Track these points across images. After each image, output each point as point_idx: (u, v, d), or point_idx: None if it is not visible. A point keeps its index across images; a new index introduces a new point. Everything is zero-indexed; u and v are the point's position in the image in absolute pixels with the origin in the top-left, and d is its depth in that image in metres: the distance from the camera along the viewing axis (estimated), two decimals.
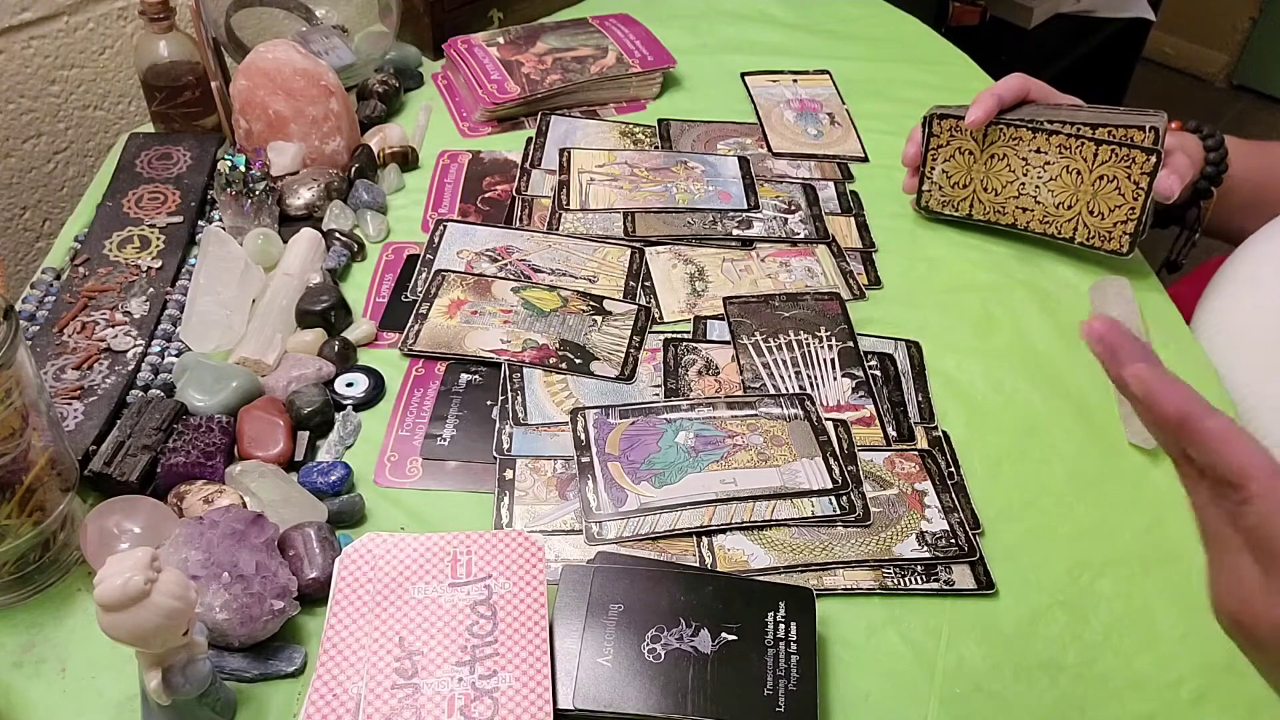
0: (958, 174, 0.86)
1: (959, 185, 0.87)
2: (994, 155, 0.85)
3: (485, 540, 0.61)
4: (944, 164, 0.86)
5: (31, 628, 0.59)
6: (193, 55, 0.91)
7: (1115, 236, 0.82)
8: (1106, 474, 0.71)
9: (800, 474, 0.68)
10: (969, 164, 0.86)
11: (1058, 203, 0.84)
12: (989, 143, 0.84)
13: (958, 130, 0.85)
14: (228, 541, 0.58)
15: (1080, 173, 0.82)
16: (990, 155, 0.85)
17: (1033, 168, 0.83)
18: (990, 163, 0.85)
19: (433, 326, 0.78)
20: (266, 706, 0.56)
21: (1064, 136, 0.82)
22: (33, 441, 0.56)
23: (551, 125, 1.00)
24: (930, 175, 0.88)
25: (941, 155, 0.87)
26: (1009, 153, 0.84)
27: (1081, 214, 0.83)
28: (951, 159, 0.86)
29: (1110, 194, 0.81)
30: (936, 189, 0.88)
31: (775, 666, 0.56)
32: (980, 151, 0.85)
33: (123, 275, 0.79)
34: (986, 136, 0.84)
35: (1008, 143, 0.84)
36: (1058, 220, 0.84)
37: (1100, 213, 0.82)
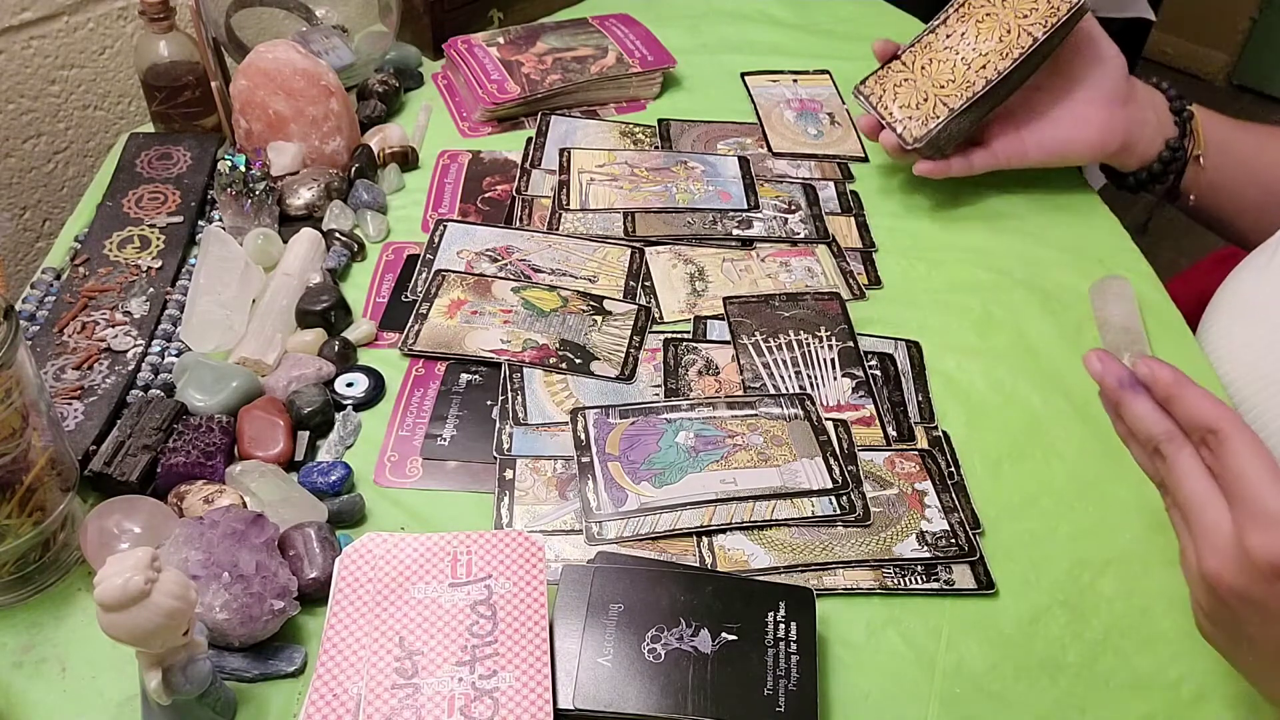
0: (911, 97, 0.88)
1: (921, 102, 0.87)
2: (923, 67, 0.88)
3: (485, 540, 0.61)
4: (896, 104, 0.88)
5: (31, 628, 0.59)
6: (193, 55, 0.91)
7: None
8: (1106, 474, 0.71)
9: (800, 474, 0.68)
10: (913, 86, 0.88)
11: (997, 39, 0.85)
12: (914, 65, 0.89)
13: (882, 77, 0.90)
14: (228, 541, 0.58)
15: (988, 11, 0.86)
16: (921, 69, 0.88)
17: (958, 44, 0.87)
18: (926, 72, 0.88)
19: (433, 326, 0.78)
20: (266, 706, 0.56)
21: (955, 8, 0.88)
22: (33, 441, 0.56)
23: (551, 125, 1.00)
24: (894, 118, 0.88)
25: (887, 99, 0.89)
26: (932, 56, 0.88)
27: (1018, 24, 0.85)
28: (897, 95, 0.88)
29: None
30: (909, 120, 0.88)
31: (775, 666, 0.56)
32: (912, 71, 0.89)
33: (123, 275, 0.79)
34: (913, 62, 0.89)
35: (925, 51, 0.89)
36: (1010, 45, 0.85)
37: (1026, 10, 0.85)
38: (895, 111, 0.88)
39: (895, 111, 0.88)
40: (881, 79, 0.90)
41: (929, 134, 0.86)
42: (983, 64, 0.85)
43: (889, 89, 0.89)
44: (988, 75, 0.85)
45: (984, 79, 0.85)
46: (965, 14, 0.88)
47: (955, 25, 0.88)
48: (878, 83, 0.90)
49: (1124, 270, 0.86)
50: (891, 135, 0.88)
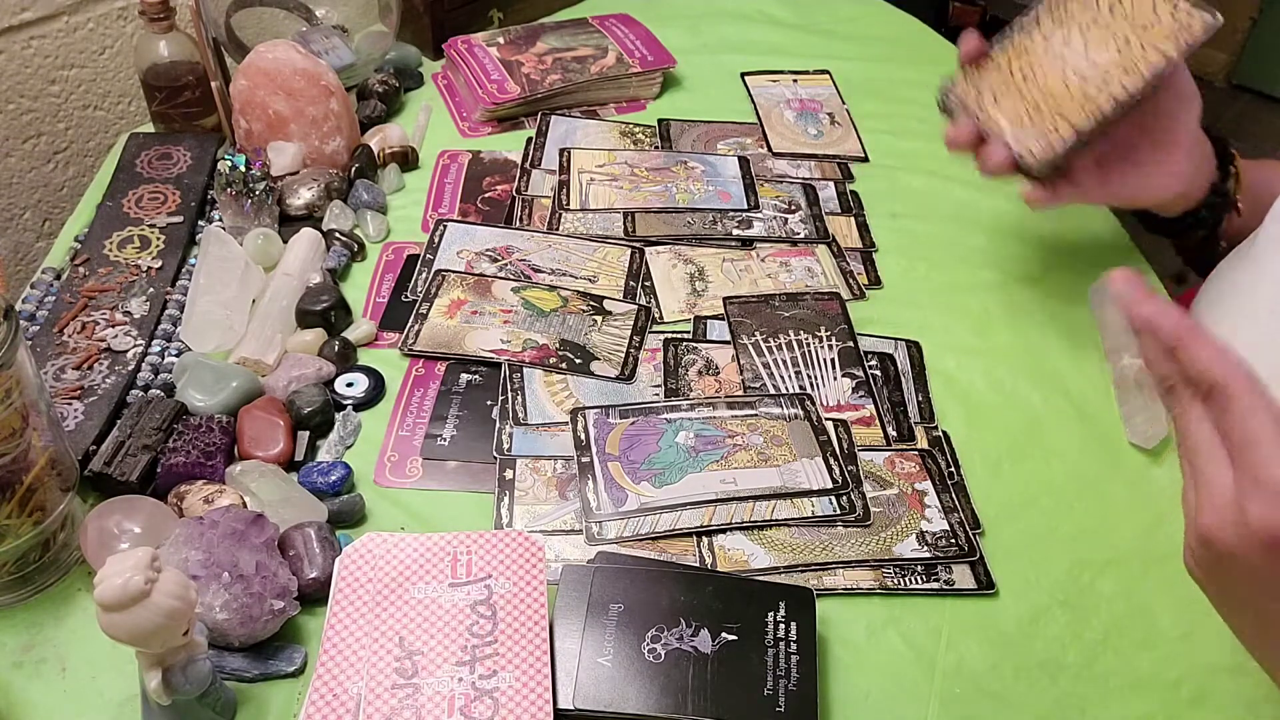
0: (1018, 107, 0.73)
1: (1032, 113, 0.73)
2: (1023, 74, 0.74)
3: (485, 540, 0.61)
4: (1002, 114, 0.74)
5: (31, 628, 0.59)
6: (193, 55, 0.91)
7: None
8: (1106, 474, 0.71)
9: (800, 474, 0.68)
10: (1018, 95, 0.74)
11: (1115, 51, 0.72)
12: (1012, 69, 0.74)
13: (975, 79, 0.75)
14: (228, 541, 0.58)
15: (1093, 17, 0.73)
16: (1022, 76, 0.74)
17: (1063, 51, 0.73)
18: (1029, 80, 0.73)
19: (433, 326, 0.78)
20: (266, 706, 0.56)
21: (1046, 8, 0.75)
22: (33, 441, 0.56)
23: (551, 125, 1.00)
24: (1002, 130, 0.73)
25: (988, 105, 0.74)
26: (1032, 61, 0.74)
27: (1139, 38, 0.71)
28: (999, 103, 0.74)
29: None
30: (1024, 135, 0.72)
31: (775, 666, 0.56)
32: (1010, 76, 0.74)
33: (123, 275, 0.79)
34: (1008, 64, 0.75)
35: (1022, 55, 0.75)
36: (1134, 61, 0.71)
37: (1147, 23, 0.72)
38: (1001, 120, 0.73)
39: (1001, 120, 0.73)
40: (973, 79, 0.75)
41: (1053, 156, 0.71)
42: (1103, 79, 0.71)
43: (987, 94, 0.74)
44: (1114, 94, 0.71)
45: (1111, 98, 0.71)
46: (1061, 18, 0.74)
47: (1052, 28, 0.74)
48: (972, 85, 0.76)
49: None
50: (1002, 150, 0.72)
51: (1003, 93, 0.74)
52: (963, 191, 0.95)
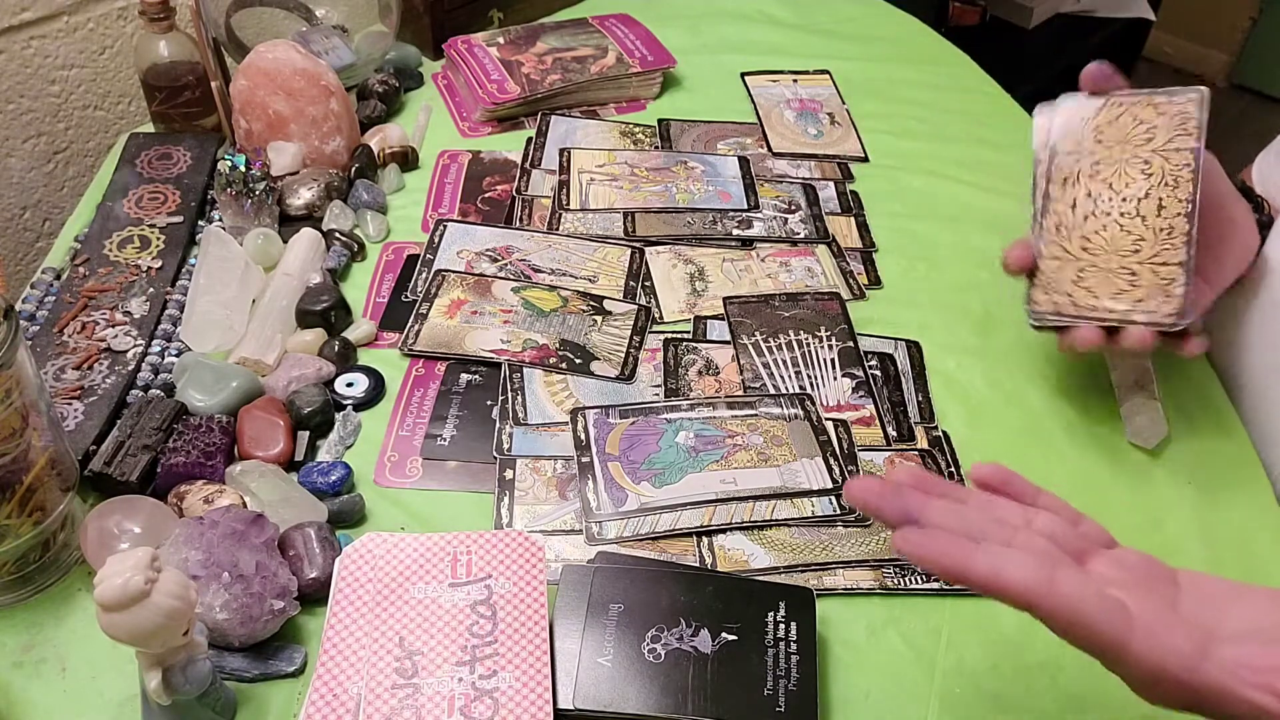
0: (1111, 282, 0.69)
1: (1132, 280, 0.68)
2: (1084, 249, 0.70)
3: (485, 540, 0.61)
4: (1107, 299, 0.69)
5: (31, 628, 0.59)
6: (193, 55, 0.91)
7: None
8: (1106, 474, 0.71)
9: (800, 474, 0.68)
10: (1101, 271, 0.70)
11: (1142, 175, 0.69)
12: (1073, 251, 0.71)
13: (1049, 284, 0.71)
14: (228, 541, 0.58)
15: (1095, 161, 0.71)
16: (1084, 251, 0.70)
17: (1097, 207, 0.70)
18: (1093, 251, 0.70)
19: (433, 326, 0.78)
20: (266, 706, 0.56)
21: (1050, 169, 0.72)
22: (33, 441, 0.56)
23: (551, 125, 1.00)
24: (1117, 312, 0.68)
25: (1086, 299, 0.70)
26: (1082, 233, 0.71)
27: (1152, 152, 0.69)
28: (1093, 290, 0.70)
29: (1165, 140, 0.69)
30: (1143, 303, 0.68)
31: (775, 666, 0.56)
32: (1077, 257, 0.71)
33: (123, 275, 0.79)
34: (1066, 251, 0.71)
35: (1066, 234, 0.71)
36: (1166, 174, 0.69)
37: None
38: (1111, 304, 0.68)
39: (1111, 304, 0.68)
40: (1049, 285, 0.71)
41: (1185, 302, 0.67)
42: (1157, 206, 0.68)
43: (1073, 289, 0.69)
44: (1180, 210, 0.68)
45: (1181, 215, 0.68)
46: (1067, 178, 0.71)
47: (1068, 193, 0.71)
48: (1048, 293, 0.70)
49: None
50: (1141, 331, 0.67)
51: (1086, 279, 0.70)
52: (963, 191, 0.95)
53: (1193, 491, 0.70)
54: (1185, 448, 0.73)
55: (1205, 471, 0.71)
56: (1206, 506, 0.69)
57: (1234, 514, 0.69)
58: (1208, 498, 0.69)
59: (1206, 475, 0.71)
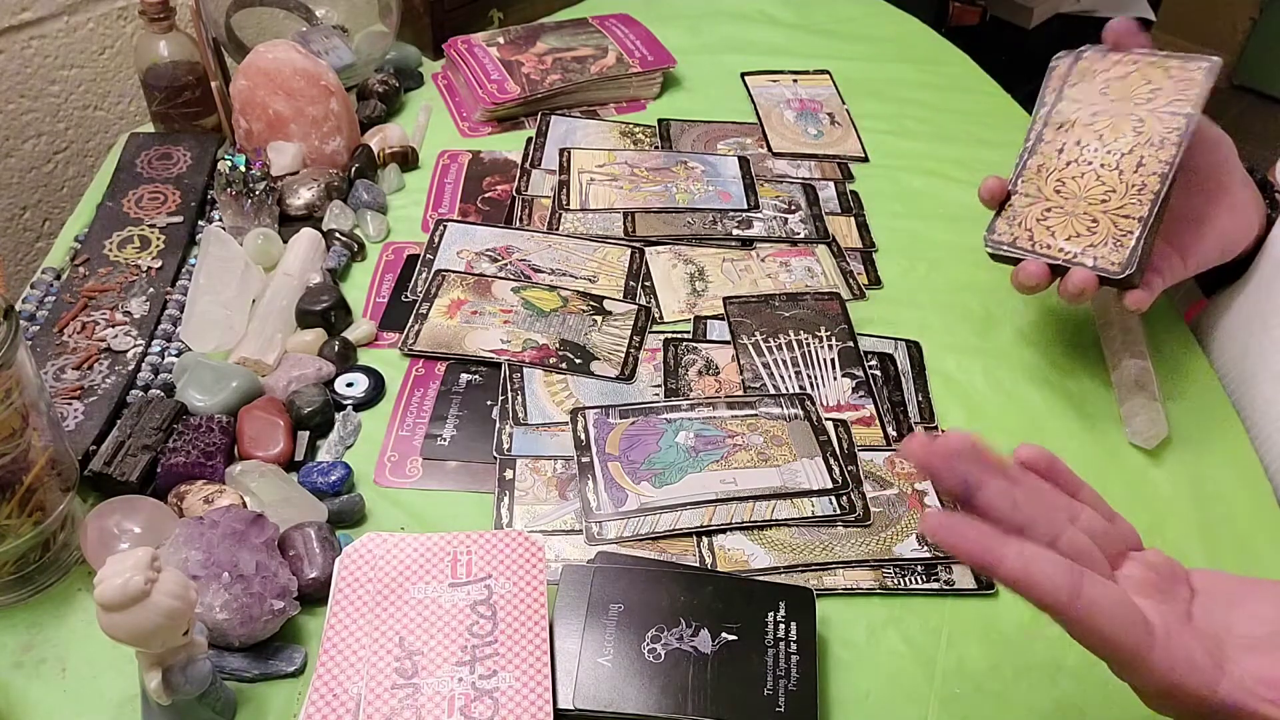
0: (1071, 225, 0.71)
1: (1091, 225, 0.70)
2: (1057, 191, 0.72)
3: (485, 540, 0.61)
4: (1062, 238, 0.71)
5: (31, 628, 0.59)
6: (193, 55, 0.91)
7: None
8: (1106, 474, 0.71)
9: (800, 474, 0.68)
10: (1064, 213, 0.71)
11: (1132, 132, 0.70)
12: (1045, 192, 0.73)
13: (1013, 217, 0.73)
14: (228, 541, 0.58)
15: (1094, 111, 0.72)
16: (1057, 193, 0.72)
17: (1082, 154, 0.72)
18: (1065, 194, 0.72)
19: (433, 326, 0.78)
20: (266, 706, 0.56)
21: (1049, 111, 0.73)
22: (33, 441, 0.56)
23: (551, 125, 1.00)
24: (1068, 253, 0.70)
25: (1043, 236, 0.72)
26: (1060, 176, 0.72)
27: (1149, 111, 0.70)
28: (1052, 229, 0.72)
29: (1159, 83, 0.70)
30: (1094, 248, 0.70)
31: (775, 666, 0.56)
32: (1048, 198, 0.72)
33: (123, 275, 0.79)
34: (1039, 190, 0.73)
35: (1045, 175, 0.73)
36: (1154, 134, 0.69)
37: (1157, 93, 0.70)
38: (1065, 245, 0.70)
39: (1065, 245, 0.70)
40: (1013, 219, 0.73)
41: (1134, 255, 0.68)
42: (1137, 162, 0.69)
43: (1034, 225, 0.72)
44: (1156, 170, 0.69)
45: (1155, 175, 0.69)
46: (1061, 122, 0.73)
47: (1058, 136, 0.73)
48: (1012, 224, 0.73)
49: None
50: (1085, 272, 0.69)
51: (1049, 218, 0.72)
52: (963, 192, 0.95)
53: (1193, 491, 0.70)
54: (1185, 448, 0.73)
55: (1205, 471, 0.71)
56: (1206, 506, 0.69)
57: (1234, 514, 0.69)
58: (1208, 498, 0.69)
59: (1206, 475, 0.71)
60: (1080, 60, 0.74)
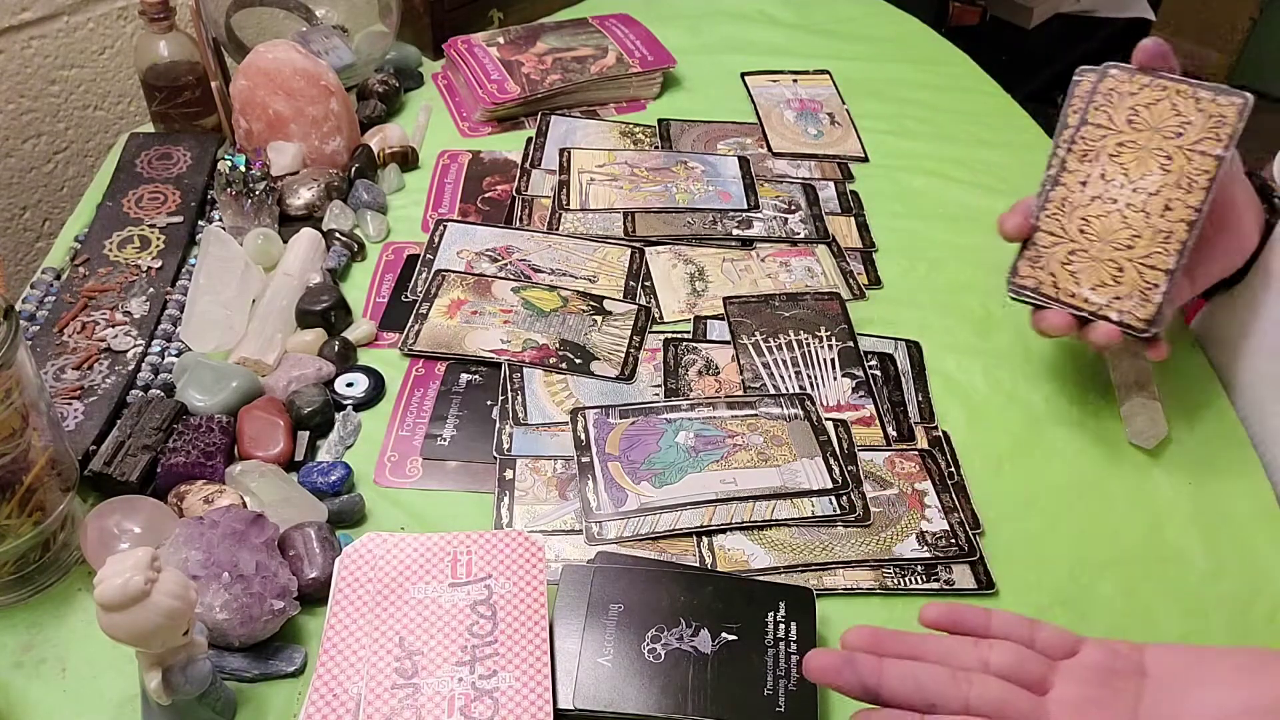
0: (1097, 271, 0.69)
1: (1117, 275, 0.68)
2: (1081, 230, 0.70)
3: (485, 540, 0.61)
4: (1087, 286, 0.69)
5: (31, 628, 0.59)
6: (193, 55, 0.91)
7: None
8: (1106, 474, 0.71)
9: (800, 474, 0.68)
10: (1089, 257, 0.69)
11: (1159, 170, 0.68)
12: (1069, 230, 0.70)
13: (1035, 259, 0.71)
14: (228, 541, 0.58)
15: (1119, 142, 0.69)
16: (1080, 233, 0.70)
17: (1106, 190, 0.69)
18: (1089, 235, 0.69)
19: (433, 326, 0.78)
20: (266, 706, 0.56)
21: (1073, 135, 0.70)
22: (33, 441, 0.56)
23: (551, 125, 1.00)
24: (1093, 303, 0.69)
25: (1067, 284, 0.70)
26: (1084, 213, 0.70)
27: (1178, 147, 0.67)
28: (1076, 275, 0.70)
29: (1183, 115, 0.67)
30: (1119, 300, 0.68)
31: (775, 666, 0.56)
32: (1071, 238, 0.70)
33: (123, 275, 0.79)
34: (1062, 228, 0.70)
35: (1067, 210, 0.70)
36: (1185, 175, 0.67)
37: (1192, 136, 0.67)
38: (1091, 296, 0.68)
39: (1091, 296, 0.68)
40: (1036, 261, 0.71)
41: (1160, 311, 0.67)
42: (1164, 205, 0.67)
43: (1058, 270, 0.70)
44: (1184, 217, 0.66)
45: (1183, 222, 0.66)
46: (1087, 153, 0.70)
47: (1083, 168, 0.70)
48: (1034, 267, 0.71)
49: None
50: (1110, 327, 0.68)
51: (1074, 263, 0.70)
52: (963, 192, 0.95)
53: (1193, 491, 0.70)
54: (1185, 448, 0.73)
55: (1205, 471, 0.71)
56: (1206, 506, 0.69)
57: (1234, 514, 0.69)
58: (1208, 498, 0.69)
59: (1206, 475, 0.71)
60: (1106, 79, 0.70)
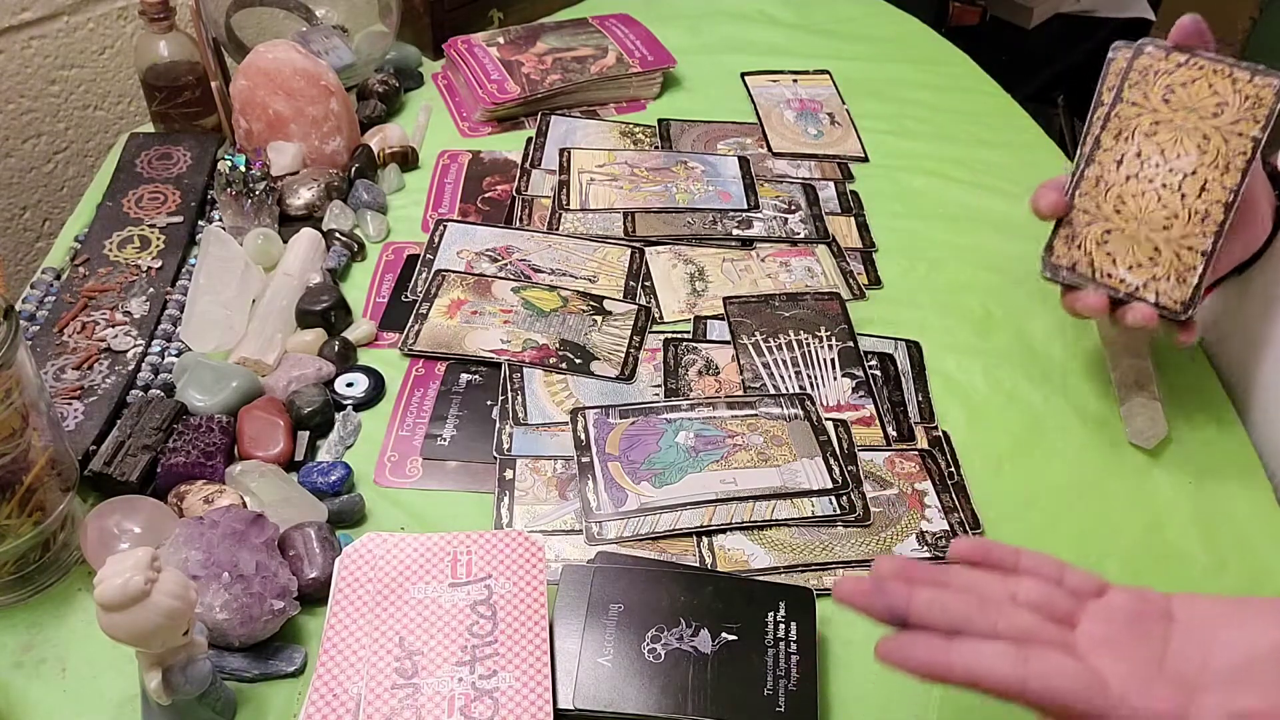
0: (1131, 250, 0.69)
1: (1153, 255, 0.68)
2: (1116, 210, 0.69)
3: (485, 540, 0.61)
4: (1122, 266, 0.69)
5: (31, 628, 0.59)
6: (193, 55, 0.91)
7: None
8: (1106, 474, 0.71)
9: (800, 474, 0.68)
10: (1124, 236, 0.69)
11: (1197, 149, 0.67)
12: (1103, 209, 0.70)
13: (1070, 236, 0.71)
14: (228, 541, 0.58)
15: (1155, 120, 0.69)
16: (1116, 212, 0.69)
17: (1143, 170, 0.69)
18: (1125, 215, 0.69)
19: (433, 326, 0.78)
20: (266, 706, 0.56)
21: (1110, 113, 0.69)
22: (33, 441, 0.56)
23: (551, 125, 1.00)
24: (1129, 285, 0.69)
25: (1103, 263, 0.70)
26: (1119, 191, 0.69)
27: (1215, 127, 0.67)
28: (1112, 254, 0.69)
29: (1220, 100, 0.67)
30: (1155, 281, 0.68)
31: (775, 666, 0.56)
32: (1107, 217, 0.70)
33: (123, 275, 0.79)
34: (1098, 206, 0.70)
35: (1103, 188, 0.70)
36: (1222, 156, 0.67)
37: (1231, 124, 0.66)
38: (1127, 276, 0.68)
39: (1127, 276, 0.68)
40: (1071, 239, 0.70)
41: (1195, 293, 0.67)
42: (1200, 186, 0.67)
43: (1095, 249, 0.69)
44: (1220, 199, 0.66)
45: (1220, 204, 0.66)
46: (1122, 130, 0.69)
47: (1118, 145, 0.69)
48: (1069, 246, 0.70)
49: None
50: (1147, 309, 0.67)
51: (1109, 242, 0.69)
52: (963, 192, 0.95)
53: (1193, 491, 0.70)
54: (1185, 448, 0.73)
55: (1205, 472, 0.71)
56: (1206, 506, 0.69)
57: (1234, 514, 0.69)
58: (1208, 498, 0.69)
59: (1206, 475, 0.71)
60: (1141, 56, 0.69)
